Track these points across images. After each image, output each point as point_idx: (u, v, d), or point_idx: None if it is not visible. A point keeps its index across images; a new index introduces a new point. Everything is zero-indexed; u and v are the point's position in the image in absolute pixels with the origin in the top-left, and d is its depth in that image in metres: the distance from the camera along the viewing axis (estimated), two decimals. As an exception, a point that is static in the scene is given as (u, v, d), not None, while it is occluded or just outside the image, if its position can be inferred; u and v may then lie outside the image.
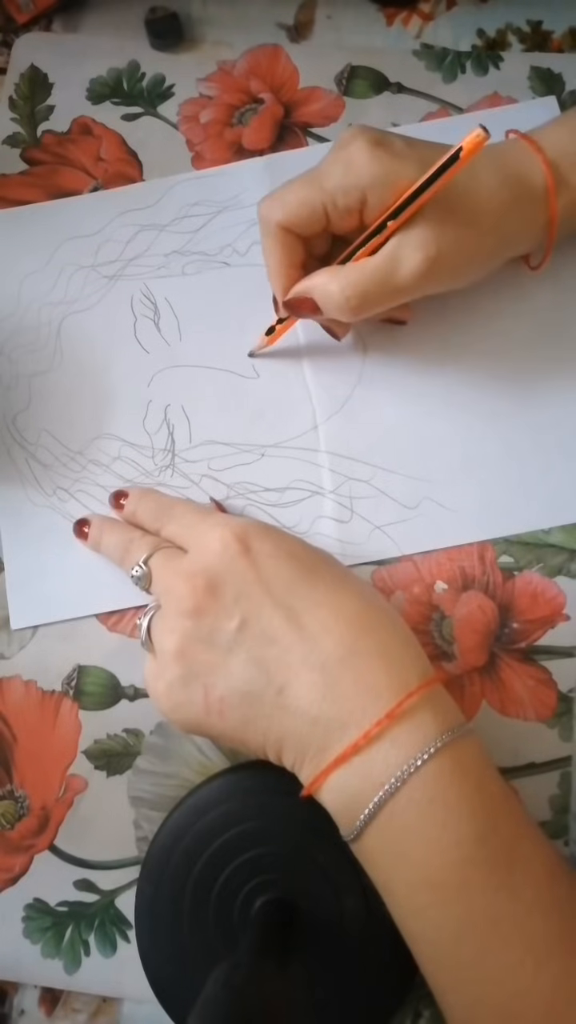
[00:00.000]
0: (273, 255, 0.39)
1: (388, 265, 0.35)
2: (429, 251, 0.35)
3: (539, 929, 0.28)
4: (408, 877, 0.29)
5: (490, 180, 0.36)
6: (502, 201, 0.36)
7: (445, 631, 0.40)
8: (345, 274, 0.36)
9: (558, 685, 0.39)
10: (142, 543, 0.37)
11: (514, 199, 0.36)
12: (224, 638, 0.32)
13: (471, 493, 0.41)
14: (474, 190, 0.36)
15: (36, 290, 0.46)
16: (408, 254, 0.35)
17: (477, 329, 0.43)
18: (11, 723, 0.40)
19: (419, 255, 0.35)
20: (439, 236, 0.35)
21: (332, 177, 0.36)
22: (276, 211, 0.37)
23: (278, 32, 0.50)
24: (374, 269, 0.36)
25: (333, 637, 0.31)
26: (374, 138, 0.36)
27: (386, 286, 0.36)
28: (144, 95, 0.49)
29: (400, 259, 0.35)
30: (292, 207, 0.37)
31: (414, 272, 0.35)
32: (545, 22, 0.49)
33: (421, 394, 0.42)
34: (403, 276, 0.35)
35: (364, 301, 0.36)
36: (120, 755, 0.40)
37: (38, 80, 0.49)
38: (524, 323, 0.43)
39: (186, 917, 0.35)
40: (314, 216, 0.37)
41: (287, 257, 0.38)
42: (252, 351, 0.43)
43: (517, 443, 0.41)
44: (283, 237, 0.38)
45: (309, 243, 0.39)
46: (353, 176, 0.36)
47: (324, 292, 0.37)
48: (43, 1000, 0.38)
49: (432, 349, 0.43)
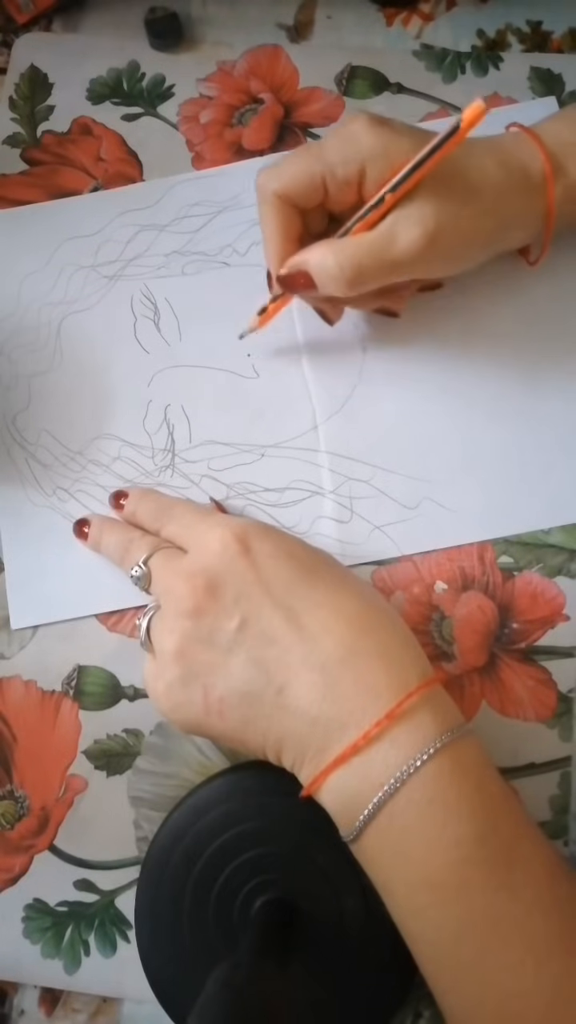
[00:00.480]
0: (269, 224, 0.38)
1: (386, 238, 0.35)
2: (428, 225, 0.35)
3: (539, 929, 0.28)
4: (408, 877, 0.29)
5: (488, 164, 0.36)
6: (500, 184, 0.36)
7: (445, 631, 0.40)
8: (342, 247, 0.36)
9: (558, 685, 0.39)
10: (142, 543, 0.37)
11: (512, 183, 0.36)
12: (224, 638, 0.32)
13: (471, 493, 0.41)
14: (473, 172, 0.36)
15: (36, 290, 0.46)
16: (407, 228, 0.35)
17: (477, 329, 0.43)
18: (11, 723, 0.40)
19: (418, 229, 0.35)
20: (438, 212, 0.35)
21: (332, 148, 0.36)
22: (274, 180, 0.37)
23: (278, 32, 0.50)
24: (371, 242, 0.35)
25: (333, 637, 0.31)
26: (375, 118, 0.36)
27: (383, 259, 0.35)
28: (144, 95, 0.49)
29: (398, 233, 0.35)
30: (290, 176, 0.37)
31: (412, 246, 0.35)
32: (545, 22, 0.49)
33: (421, 394, 0.42)
34: (401, 249, 0.35)
35: (360, 274, 0.36)
36: (120, 755, 0.40)
37: (38, 80, 0.49)
38: (524, 324, 0.43)
39: (186, 917, 0.35)
40: (312, 186, 0.37)
41: (283, 227, 0.38)
42: (243, 332, 0.42)
43: (517, 443, 0.41)
44: (280, 207, 0.38)
45: (306, 217, 0.39)
46: (353, 148, 0.36)
47: (320, 264, 0.36)
48: (43, 1000, 0.38)
49: (432, 349, 0.43)
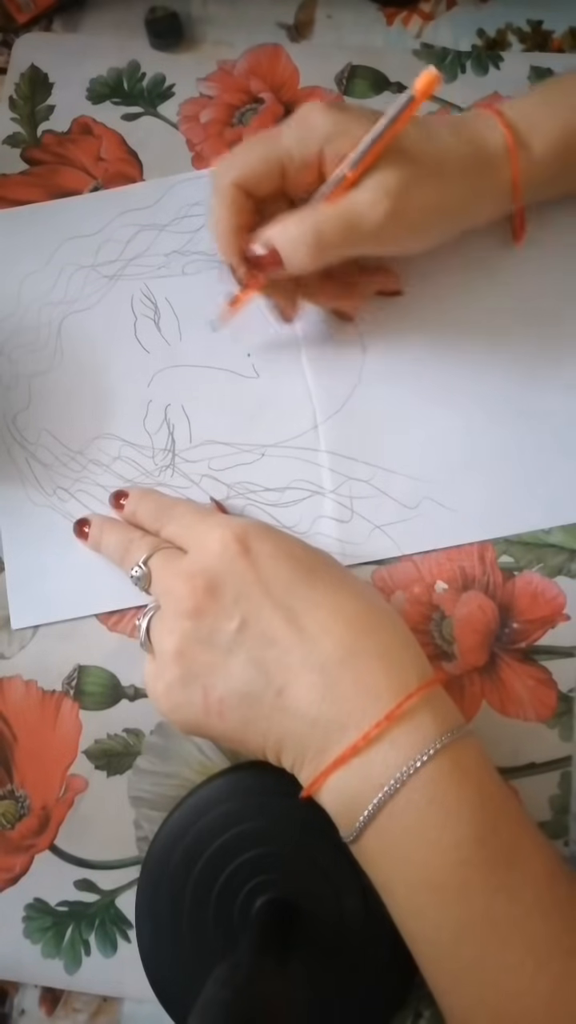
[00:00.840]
0: (224, 218, 0.37)
1: (351, 205, 0.35)
2: (390, 190, 0.34)
3: (539, 930, 0.28)
4: (408, 878, 0.29)
5: (449, 139, 0.36)
6: (462, 157, 0.36)
7: (445, 631, 0.40)
8: (303, 215, 0.35)
9: (558, 685, 0.39)
10: (142, 543, 0.37)
11: (475, 158, 0.36)
12: (224, 639, 0.32)
13: (471, 493, 0.41)
14: (434, 147, 0.36)
15: (36, 290, 0.46)
16: (371, 199, 0.35)
17: (477, 329, 0.43)
18: (11, 723, 0.40)
19: (381, 194, 0.34)
20: (404, 184, 0.35)
21: (287, 133, 0.36)
22: (230, 169, 0.37)
23: (278, 32, 0.50)
24: (336, 209, 0.35)
25: (333, 638, 0.31)
26: (330, 103, 0.37)
27: (349, 228, 0.35)
28: (144, 95, 0.49)
29: (363, 200, 0.35)
30: (247, 164, 0.37)
31: (377, 216, 0.35)
32: (545, 22, 0.48)
33: (421, 394, 0.42)
34: (367, 219, 0.35)
35: (324, 241, 0.35)
36: (120, 755, 0.40)
37: (38, 80, 0.49)
38: (524, 323, 0.43)
39: (186, 917, 0.35)
40: (268, 173, 0.37)
41: (238, 219, 0.37)
42: (216, 326, 0.42)
43: (517, 443, 0.41)
44: (236, 197, 0.37)
45: (262, 206, 0.38)
46: (308, 129, 0.36)
47: (285, 236, 0.36)
48: (43, 1000, 0.38)
49: (432, 349, 0.43)
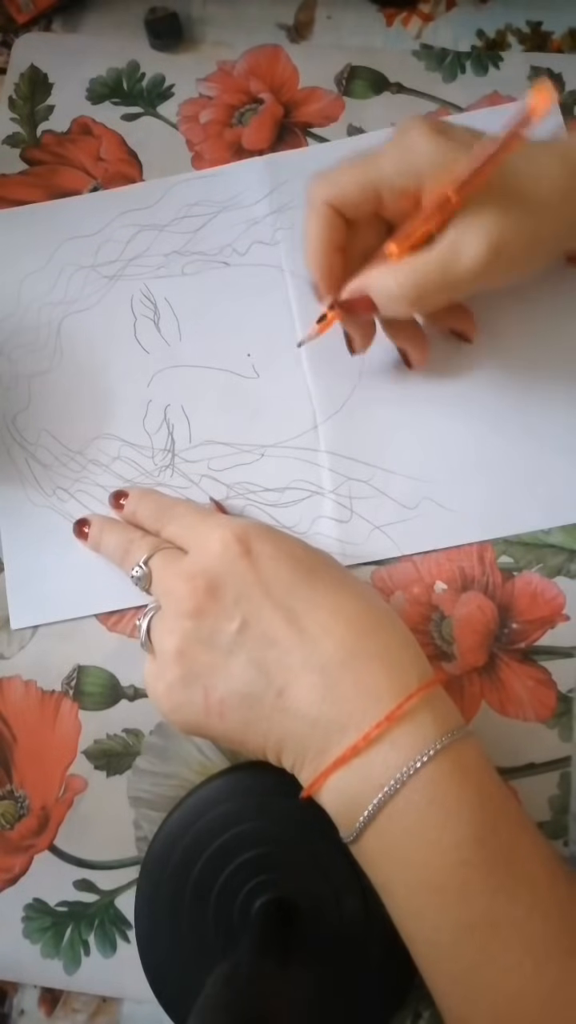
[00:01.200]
0: (315, 234, 0.37)
1: (448, 254, 0.34)
2: (491, 238, 0.33)
3: (538, 931, 0.28)
4: (407, 879, 0.29)
5: (551, 167, 0.34)
6: (563, 188, 0.34)
7: (445, 631, 0.40)
8: (401, 267, 0.35)
9: (558, 685, 0.39)
10: (142, 544, 0.37)
11: None
12: (224, 639, 0.32)
13: (471, 493, 0.41)
14: (534, 177, 0.34)
15: (36, 290, 0.46)
16: (469, 242, 0.33)
17: (477, 329, 0.43)
18: (11, 723, 0.40)
19: (482, 242, 0.33)
20: (501, 223, 0.33)
21: (390, 158, 0.35)
22: (326, 188, 0.36)
23: (278, 32, 0.50)
24: (433, 258, 0.34)
25: (333, 639, 0.31)
26: (435, 125, 0.35)
27: (447, 276, 0.34)
28: (144, 95, 0.49)
29: (461, 248, 0.34)
30: (343, 185, 0.36)
31: (476, 260, 0.33)
32: (545, 23, 0.49)
33: (421, 394, 0.42)
34: (465, 264, 0.34)
35: (423, 292, 0.35)
36: (120, 755, 0.40)
37: (38, 80, 0.49)
38: (524, 323, 0.43)
39: (186, 917, 0.35)
40: (365, 196, 0.36)
41: (329, 238, 0.37)
42: (301, 340, 0.42)
43: (517, 443, 0.41)
44: (330, 216, 0.37)
45: (355, 230, 0.38)
46: (412, 158, 0.35)
47: (380, 285, 0.35)
48: (43, 1000, 0.38)
49: (432, 349, 0.43)
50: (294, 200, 0.45)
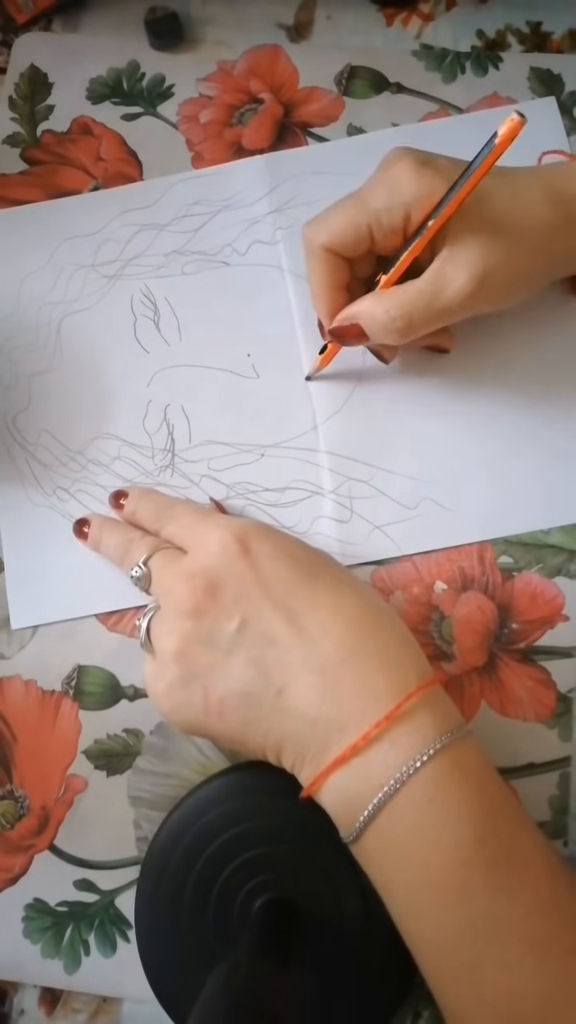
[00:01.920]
0: (318, 278, 0.39)
1: (434, 286, 0.35)
2: (475, 269, 0.34)
3: (538, 930, 0.28)
4: (407, 878, 0.29)
5: (536, 197, 0.35)
6: (549, 219, 0.35)
7: (445, 631, 0.40)
8: (389, 298, 0.36)
9: (557, 685, 0.39)
10: (142, 544, 0.37)
11: (563, 217, 0.35)
12: (224, 639, 0.32)
13: (471, 493, 0.41)
14: (519, 208, 0.35)
15: (36, 290, 0.45)
16: (454, 273, 0.35)
17: (478, 330, 0.43)
18: (11, 723, 0.40)
19: (465, 274, 0.35)
20: (485, 254, 0.34)
21: (377, 197, 0.36)
22: (321, 233, 0.37)
23: (278, 32, 0.50)
24: (419, 291, 0.35)
25: (333, 638, 0.31)
26: (418, 158, 0.35)
27: (432, 307, 0.35)
28: (144, 95, 0.49)
29: (446, 279, 0.35)
30: (337, 229, 0.37)
31: (460, 291, 0.35)
32: (545, 23, 0.49)
33: (421, 394, 0.42)
34: (449, 296, 0.35)
35: (411, 323, 0.36)
36: (120, 755, 0.40)
37: (38, 80, 0.49)
38: (524, 323, 0.43)
39: (186, 917, 0.35)
40: (359, 237, 0.37)
41: (332, 279, 0.38)
42: (309, 375, 0.43)
43: (517, 443, 0.41)
44: (328, 259, 0.38)
45: (353, 265, 0.39)
46: (398, 195, 0.35)
47: (369, 316, 0.37)
48: (43, 1000, 0.38)
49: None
50: (294, 199, 0.45)
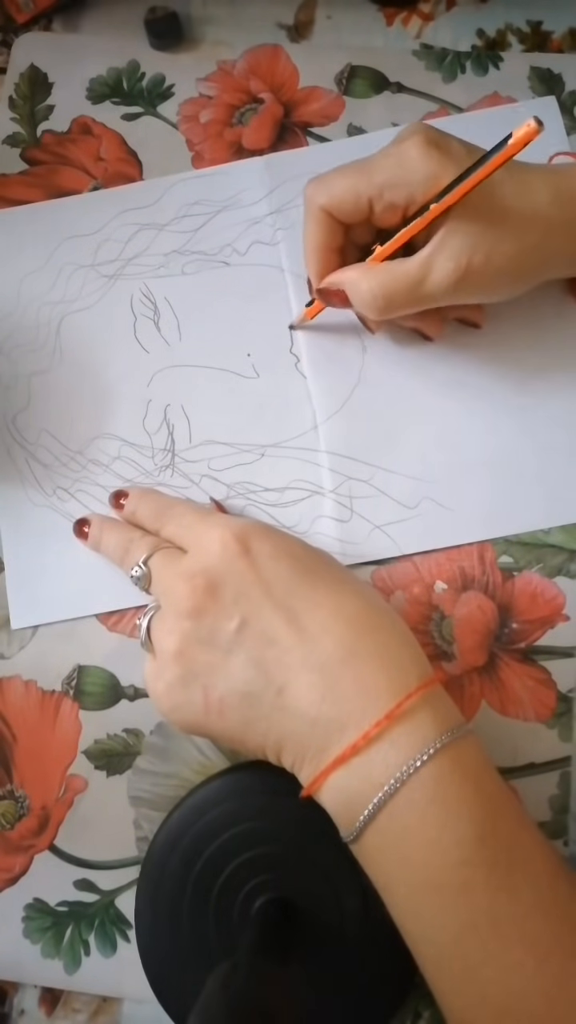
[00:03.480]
0: (312, 236, 0.39)
1: (419, 271, 0.35)
2: (463, 260, 0.35)
3: (539, 929, 0.28)
4: (408, 878, 0.29)
5: (542, 196, 0.35)
6: (551, 218, 0.35)
7: (445, 631, 0.40)
8: (376, 274, 0.36)
9: (558, 685, 0.39)
10: (142, 543, 0.37)
11: (564, 219, 0.35)
12: (224, 639, 0.32)
13: (471, 493, 0.41)
14: (522, 204, 0.35)
15: (35, 289, 0.45)
16: (440, 263, 0.35)
17: (476, 330, 0.43)
18: (11, 723, 0.40)
19: (451, 265, 0.35)
20: (475, 248, 0.35)
21: (383, 170, 0.36)
22: (321, 193, 0.37)
23: (278, 32, 0.50)
24: (405, 273, 0.36)
25: (333, 638, 0.31)
26: (431, 137, 0.35)
27: (415, 292, 0.36)
28: (144, 95, 0.49)
29: (432, 267, 0.35)
30: (337, 192, 0.37)
31: (445, 281, 0.35)
32: (545, 22, 0.49)
33: (421, 394, 0.42)
34: (432, 284, 0.35)
35: (391, 303, 0.36)
36: (120, 755, 0.40)
37: (38, 80, 0.49)
38: (524, 324, 0.43)
39: (186, 917, 0.35)
40: (358, 205, 0.37)
41: (325, 240, 0.38)
42: (293, 324, 0.43)
43: (517, 443, 0.41)
44: (324, 220, 0.38)
45: (351, 230, 0.39)
46: (403, 172, 0.35)
47: (354, 288, 0.37)
48: (43, 1000, 0.38)
49: (432, 349, 0.43)
50: (294, 200, 0.45)
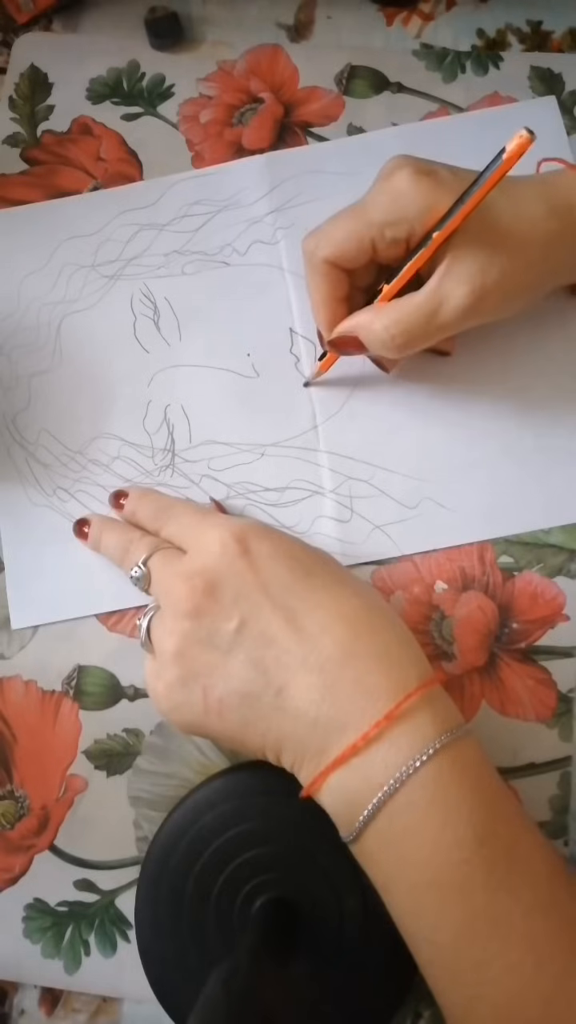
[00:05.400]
0: (318, 290, 0.39)
1: (432, 302, 0.35)
2: (474, 284, 0.34)
3: (538, 929, 0.28)
4: (408, 878, 0.29)
5: (536, 209, 0.35)
6: (549, 231, 0.35)
7: (445, 631, 0.40)
8: (388, 312, 0.36)
9: (558, 685, 0.39)
10: (141, 544, 0.37)
11: (563, 229, 0.35)
12: (223, 639, 0.32)
13: (471, 493, 0.41)
14: (519, 220, 0.35)
15: (36, 290, 0.45)
16: (452, 290, 0.35)
17: (478, 331, 0.43)
18: (11, 723, 0.40)
19: (463, 290, 0.35)
20: (485, 269, 0.34)
21: (378, 210, 0.36)
22: (322, 247, 0.37)
23: (278, 32, 0.50)
24: (417, 307, 0.35)
25: (332, 638, 0.31)
26: (419, 168, 0.35)
27: (431, 323, 0.35)
28: (144, 95, 0.49)
29: (444, 295, 0.35)
30: (338, 242, 0.37)
31: (458, 308, 0.35)
32: (545, 22, 0.49)
33: (421, 394, 0.42)
34: (447, 312, 0.35)
35: (409, 339, 0.36)
36: (120, 755, 0.40)
37: (38, 80, 0.49)
38: (525, 324, 0.43)
39: (186, 917, 0.35)
40: (361, 249, 0.37)
41: (332, 292, 0.38)
42: (308, 380, 0.43)
43: (517, 443, 0.41)
44: (329, 272, 0.38)
45: (353, 275, 0.39)
46: (400, 207, 0.35)
47: (368, 331, 0.37)
48: (43, 1000, 0.38)
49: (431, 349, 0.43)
50: (294, 199, 0.45)
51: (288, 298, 0.44)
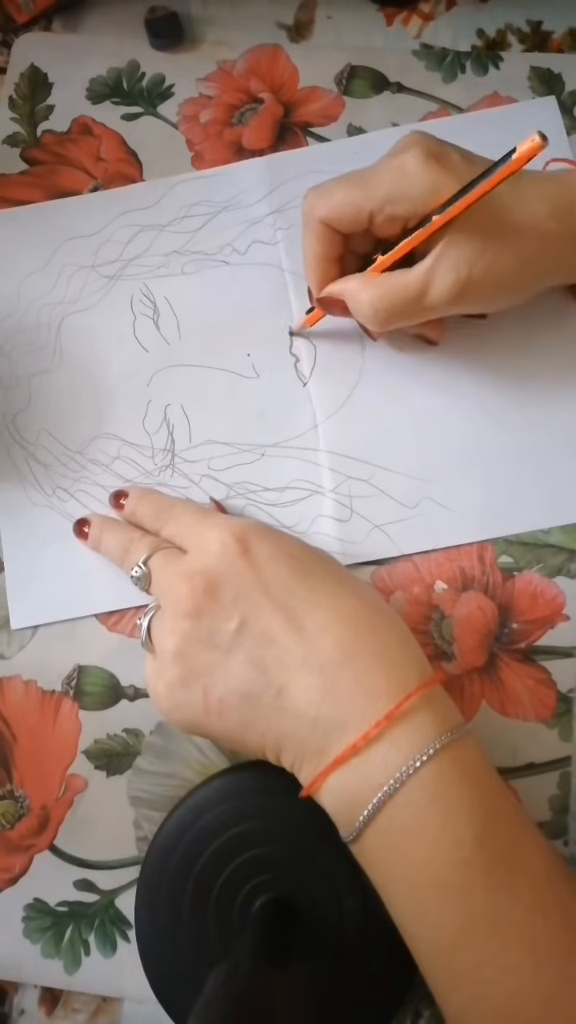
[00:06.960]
0: (311, 248, 0.39)
1: (419, 283, 0.35)
2: (464, 273, 0.35)
3: (538, 930, 0.28)
4: (407, 878, 0.29)
5: (541, 208, 0.35)
6: (549, 231, 0.35)
7: (445, 631, 0.40)
8: (376, 285, 0.36)
9: (558, 685, 0.39)
10: (142, 543, 0.37)
11: (563, 231, 0.35)
12: (223, 639, 0.32)
13: (471, 493, 0.41)
14: (521, 218, 0.35)
15: (36, 290, 0.46)
16: (443, 274, 0.35)
17: (477, 329, 0.43)
18: (11, 723, 0.40)
19: (453, 277, 0.35)
20: (475, 260, 0.35)
21: (382, 184, 0.36)
22: (320, 206, 0.37)
23: (278, 32, 0.50)
24: (405, 286, 0.36)
25: (332, 638, 0.31)
26: (430, 149, 0.35)
27: (415, 304, 0.36)
28: (144, 95, 0.49)
29: (433, 279, 0.35)
30: (336, 205, 0.37)
31: (446, 293, 0.35)
32: (545, 22, 0.49)
33: (421, 393, 0.42)
34: (432, 296, 0.36)
35: (391, 315, 0.37)
36: (120, 755, 0.40)
37: (38, 80, 0.49)
38: (524, 323, 0.43)
39: (186, 917, 0.35)
40: (358, 217, 0.37)
41: (324, 251, 0.38)
42: (293, 330, 0.43)
43: (517, 443, 0.41)
44: (323, 232, 0.38)
45: (350, 240, 0.39)
46: (404, 186, 0.35)
47: (354, 299, 0.37)
48: (43, 1000, 0.38)
49: (431, 349, 0.43)
50: (294, 200, 0.45)
51: (288, 298, 0.44)
